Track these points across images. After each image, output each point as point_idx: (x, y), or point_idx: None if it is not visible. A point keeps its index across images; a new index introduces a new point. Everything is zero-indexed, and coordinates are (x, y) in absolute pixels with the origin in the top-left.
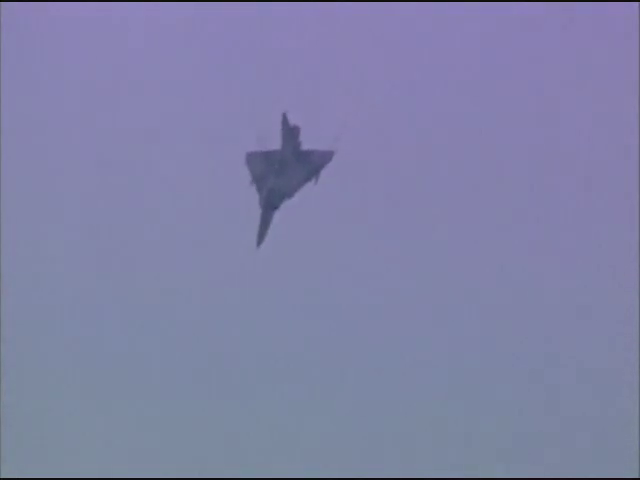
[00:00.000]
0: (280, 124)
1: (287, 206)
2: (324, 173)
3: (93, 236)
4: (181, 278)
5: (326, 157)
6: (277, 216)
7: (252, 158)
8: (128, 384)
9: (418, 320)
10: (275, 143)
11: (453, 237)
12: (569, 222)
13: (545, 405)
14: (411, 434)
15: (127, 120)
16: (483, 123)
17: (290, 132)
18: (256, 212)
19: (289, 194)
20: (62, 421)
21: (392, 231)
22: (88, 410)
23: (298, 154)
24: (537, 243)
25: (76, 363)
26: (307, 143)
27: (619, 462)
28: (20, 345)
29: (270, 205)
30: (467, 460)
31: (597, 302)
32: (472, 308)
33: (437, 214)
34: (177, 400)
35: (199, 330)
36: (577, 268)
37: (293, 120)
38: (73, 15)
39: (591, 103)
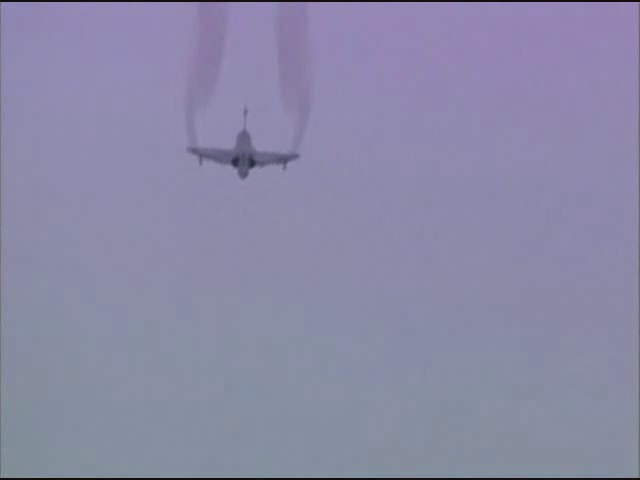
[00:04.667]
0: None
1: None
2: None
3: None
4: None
5: (292, 155)
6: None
7: (197, 150)
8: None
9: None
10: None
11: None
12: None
13: (545, 405)
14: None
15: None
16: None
17: (245, 136)
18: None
19: (260, 163)
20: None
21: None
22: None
23: (264, 152)
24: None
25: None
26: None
27: (619, 462)
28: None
29: (245, 161)
30: (467, 460)
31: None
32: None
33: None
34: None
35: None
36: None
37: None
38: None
39: (591, 102)
